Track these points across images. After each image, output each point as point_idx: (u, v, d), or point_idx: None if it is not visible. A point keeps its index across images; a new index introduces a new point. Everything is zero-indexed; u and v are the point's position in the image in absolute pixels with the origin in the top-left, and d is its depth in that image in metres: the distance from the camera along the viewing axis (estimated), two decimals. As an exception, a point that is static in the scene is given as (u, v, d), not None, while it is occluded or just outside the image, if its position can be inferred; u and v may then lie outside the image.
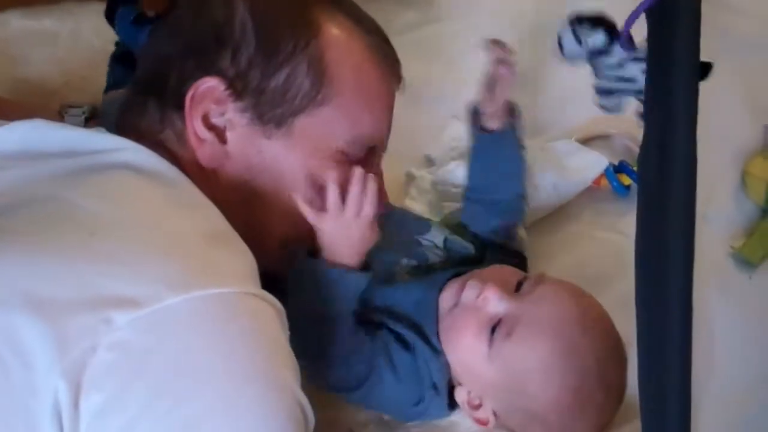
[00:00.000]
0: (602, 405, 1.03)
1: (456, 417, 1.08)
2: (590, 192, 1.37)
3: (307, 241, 1.02)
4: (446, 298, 1.08)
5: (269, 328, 0.80)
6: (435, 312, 1.08)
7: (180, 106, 0.93)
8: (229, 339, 0.76)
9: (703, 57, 1.01)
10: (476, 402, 1.05)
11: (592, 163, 1.35)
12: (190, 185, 0.88)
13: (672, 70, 0.87)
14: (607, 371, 1.02)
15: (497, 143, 1.21)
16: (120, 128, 0.96)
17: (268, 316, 0.80)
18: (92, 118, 1.38)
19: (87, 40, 1.60)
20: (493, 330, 1.02)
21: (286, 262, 1.01)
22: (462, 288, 1.07)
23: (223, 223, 0.86)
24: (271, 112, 0.94)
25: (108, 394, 0.71)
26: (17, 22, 1.62)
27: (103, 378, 0.71)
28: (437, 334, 1.06)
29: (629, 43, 1.00)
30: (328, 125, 0.96)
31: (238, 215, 0.89)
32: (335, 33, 0.97)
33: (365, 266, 1.02)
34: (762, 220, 1.35)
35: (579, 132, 1.44)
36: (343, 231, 1.00)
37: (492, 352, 1.02)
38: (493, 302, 1.03)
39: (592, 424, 1.04)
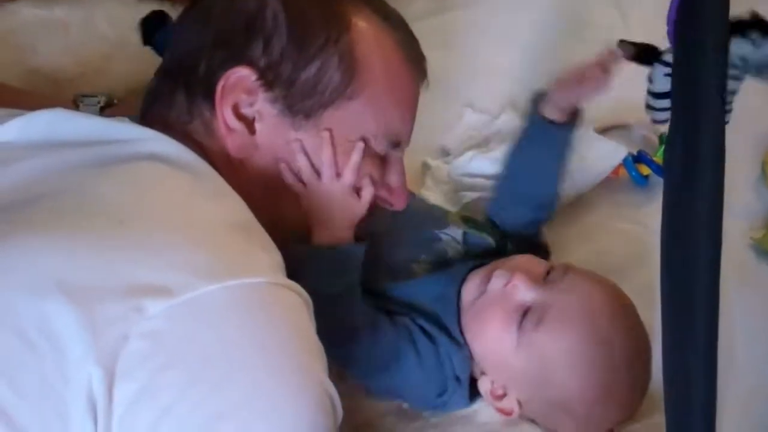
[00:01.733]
0: (628, 397, 1.03)
1: (475, 406, 1.07)
2: (609, 182, 1.36)
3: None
4: (470, 288, 1.08)
5: (299, 318, 0.80)
6: (456, 305, 1.07)
7: (209, 96, 0.93)
8: (262, 329, 0.76)
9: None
10: (500, 392, 1.05)
11: (610, 153, 1.35)
12: (216, 176, 0.87)
13: (699, 62, 0.87)
14: (634, 363, 1.02)
15: (552, 134, 1.18)
16: (146, 119, 0.96)
17: (298, 306, 0.80)
18: (107, 107, 1.37)
19: (99, 29, 1.58)
20: (522, 318, 1.01)
21: None
22: (488, 278, 1.06)
23: (248, 214, 0.86)
24: (300, 103, 0.94)
25: (141, 383, 0.70)
26: (28, 11, 1.61)
27: (136, 367, 0.70)
28: (459, 326, 1.06)
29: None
30: (356, 119, 0.97)
31: (263, 206, 0.89)
32: (365, 28, 0.97)
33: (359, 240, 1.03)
34: (782, 212, 1.35)
35: (598, 121, 1.42)
36: (325, 201, 1.00)
37: (520, 341, 1.01)
38: (522, 290, 1.02)
39: (617, 415, 1.04)
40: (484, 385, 1.05)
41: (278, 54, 0.92)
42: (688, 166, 0.87)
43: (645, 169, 1.36)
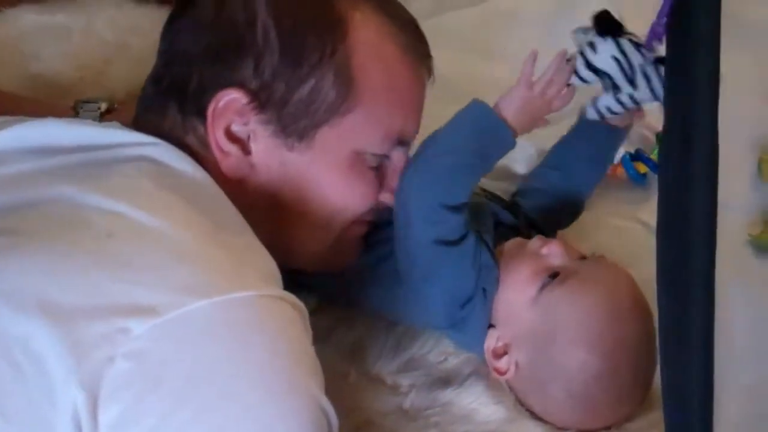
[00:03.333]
0: (627, 387, 1.03)
1: (475, 404, 1.07)
2: (606, 180, 1.36)
3: (335, 256, 1.03)
4: (509, 244, 1.12)
5: (292, 331, 0.78)
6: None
7: (201, 114, 0.90)
8: (250, 345, 0.74)
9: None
10: (501, 350, 1.06)
11: (608, 152, 1.35)
12: (213, 187, 0.86)
13: (692, 59, 0.87)
14: (640, 353, 1.01)
15: (608, 135, 1.21)
16: (139, 125, 0.93)
17: (291, 318, 0.79)
18: (108, 113, 1.37)
19: (100, 34, 1.59)
20: (547, 280, 1.03)
21: (322, 266, 1.04)
22: (528, 240, 1.10)
23: (244, 227, 0.85)
24: (294, 125, 0.91)
25: (126, 406, 0.69)
26: (30, 17, 1.61)
27: (121, 389, 0.69)
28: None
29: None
30: (352, 133, 0.94)
31: (263, 225, 0.88)
32: (363, 33, 0.93)
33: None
34: (779, 207, 1.35)
35: (595, 120, 1.42)
36: (523, 102, 1.06)
37: (539, 298, 1.03)
38: (556, 255, 1.06)
39: (614, 407, 1.04)
40: (489, 340, 1.07)
41: (270, 74, 0.89)
42: (682, 164, 0.87)
43: (642, 167, 1.36)
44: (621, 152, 1.36)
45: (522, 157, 1.33)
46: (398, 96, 0.97)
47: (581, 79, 1.09)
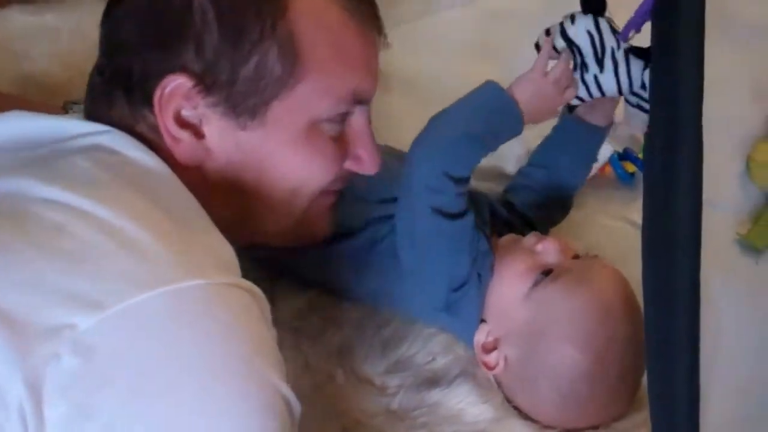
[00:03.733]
0: (616, 387, 1.03)
1: (463, 404, 1.08)
2: (595, 179, 1.37)
3: (306, 229, 1.01)
4: (506, 238, 1.13)
5: (246, 318, 0.77)
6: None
7: (149, 102, 0.88)
8: (201, 334, 0.72)
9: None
10: (491, 345, 1.07)
11: (597, 151, 1.35)
12: (167, 173, 0.84)
13: (676, 58, 0.87)
14: (630, 354, 1.01)
15: (591, 133, 1.23)
16: (91, 117, 0.91)
17: (245, 305, 0.77)
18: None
19: (90, 35, 1.57)
20: (540, 277, 1.04)
21: (294, 241, 1.02)
22: (524, 235, 1.11)
23: (198, 213, 0.83)
24: (243, 103, 0.89)
25: (75, 403, 0.68)
26: (19, 17, 1.61)
27: (69, 386, 0.67)
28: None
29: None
30: (304, 103, 0.91)
31: (227, 207, 0.88)
32: (305, 3, 0.90)
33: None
34: (767, 206, 1.35)
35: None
36: (536, 89, 1.08)
37: (531, 294, 1.04)
38: (551, 252, 1.07)
39: (601, 406, 1.04)
40: (480, 334, 1.07)
41: (212, 55, 0.87)
42: (667, 163, 0.87)
43: (631, 167, 1.37)
44: (610, 151, 1.36)
45: (511, 156, 1.33)
46: (347, 60, 0.94)
47: (554, 49, 1.11)
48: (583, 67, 1.10)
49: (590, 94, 1.12)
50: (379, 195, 1.13)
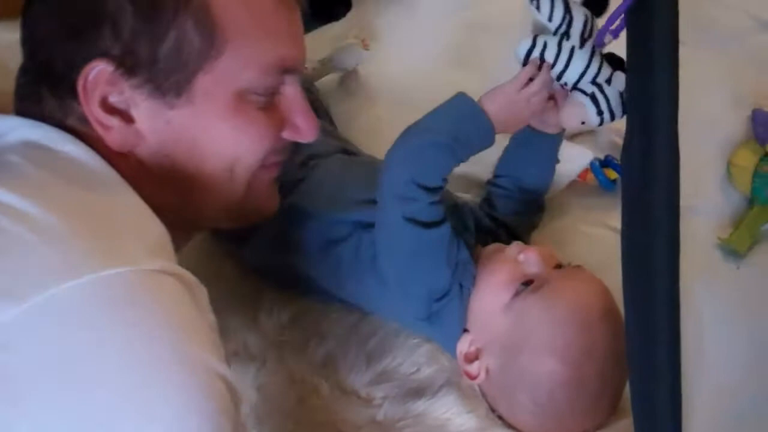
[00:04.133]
0: (594, 398, 1.03)
1: (448, 414, 1.08)
2: (576, 186, 1.37)
3: (252, 206, 1.00)
4: (489, 249, 1.14)
5: (173, 304, 0.75)
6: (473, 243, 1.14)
7: (74, 93, 0.86)
8: (127, 322, 0.71)
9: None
10: (473, 355, 1.07)
11: (577, 157, 1.36)
12: (97, 163, 0.84)
13: (652, 63, 0.88)
14: (609, 365, 1.01)
15: (545, 139, 1.22)
16: (21, 116, 0.89)
17: (174, 292, 0.76)
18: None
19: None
20: (522, 287, 1.05)
21: (243, 220, 1.02)
22: (507, 245, 1.12)
23: (129, 199, 0.83)
24: (167, 81, 0.87)
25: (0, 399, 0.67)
26: (2, 35, 1.61)
27: None
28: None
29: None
30: (229, 74, 0.90)
31: (167, 191, 0.87)
32: None
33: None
34: (748, 210, 1.36)
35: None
36: (507, 100, 1.08)
37: (512, 304, 1.04)
38: (533, 262, 1.07)
39: (580, 417, 1.04)
40: (462, 344, 1.08)
41: (129, 36, 0.85)
42: (643, 168, 0.87)
43: (612, 174, 1.37)
44: (590, 158, 1.37)
45: (487, 165, 1.34)
46: (266, 27, 0.93)
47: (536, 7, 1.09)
48: (565, 36, 1.09)
49: (555, 62, 1.10)
50: (370, 195, 1.13)
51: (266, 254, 1.18)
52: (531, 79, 1.08)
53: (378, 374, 1.12)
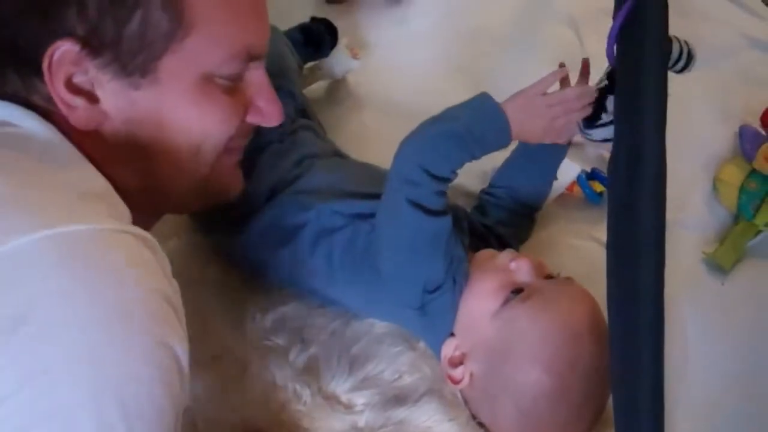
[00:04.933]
0: (577, 409, 1.03)
1: (429, 422, 1.08)
2: (563, 199, 1.37)
3: (215, 188, 1.00)
4: (481, 254, 1.14)
5: (133, 265, 0.75)
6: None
7: (39, 73, 0.86)
8: (84, 279, 0.71)
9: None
10: (458, 359, 1.07)
11: (564, 170, 1.35)
12: (60, 140, 0.84)
13: (641, 78, 0.88)
14: (593, 378, 1.01)
15: (552, 151, 1.24)
16: None
17: (135, 253, 0.76)
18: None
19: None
20: (511, 295, 1.05)
21: (207, 201, 1.02)
22: (500, 252, 1.12)
23: (90, 174, 0.83)
24: (133, 61, 0.87)
25: None
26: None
27: None
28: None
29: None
30: (195, 57, 0.89)
31: (131, 171, 0.87)
32: None
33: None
34: (734, 226, 1.36)
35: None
36: (527, 104, 1.10)
37: (500, 312, 1.04)
38: (524, 271, 1.07)
39: (561, 427, 1.04)
40: (447, 348, 1.08)
41: (95, 16, 0.84)
42: (631, 182, 0.88)
43: (598, 186, 1.37)
44: (577, 171, 1.37)
45: (476, 176, 1.34)
46: (234, 10, 0.92)
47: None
48: (602, 108, 1.13)
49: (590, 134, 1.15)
50: (366, 189, 1.15)
51: (257, 248, 1.17)
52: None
53: (360, 381, 1.12)
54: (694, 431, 1.11)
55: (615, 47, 1.02)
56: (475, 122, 1.07)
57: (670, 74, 0.86)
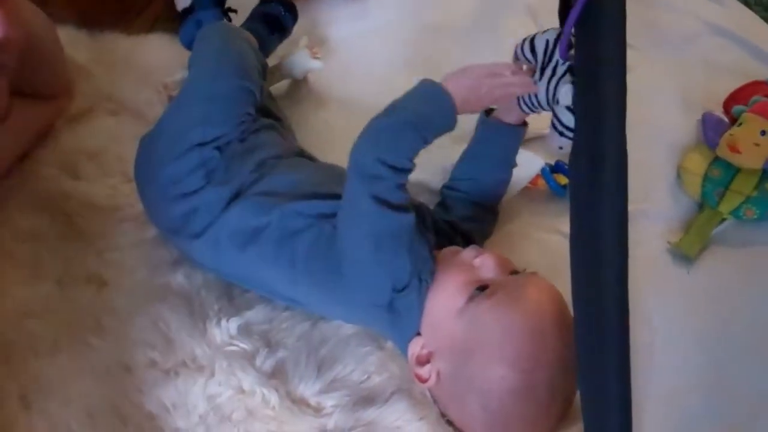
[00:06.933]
0: (544, 406, 1.02)
1: (399, 422, 1.08)
2: (527, 192, 1.37)
3: None
4: (445, 252, 1.13)
5: None
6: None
7: None
8: None
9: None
10: (424, 358, 1.06)
11: (528, 163, 1.35)
12: None
13: (600, 70, 0.88)
14: (559, 373, 1.01)
15: (508, 134, 1.24)
16: None
17: None
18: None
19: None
20: (476, 292, 1.04)
21: None
22: (464, 248, 1.12)
23: None
24: None
25: None
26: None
27: None
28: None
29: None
30: None
31: None
32: None
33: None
34: (698, 215, 1.36)
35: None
36: (469, 78, 1.11)
37: (465, 309, 1.04)
38: (488, 267, 1.07)
39: (529, 424, 1.03)
40: (414, 347, 1.07)
41: None
42: (592, 173, 0.87)
43: (563, 179, 1.37)
44: (541, 164, 1.37)
45: (436, 172, 1.33)
46: None
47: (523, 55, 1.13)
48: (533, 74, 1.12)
49: (528, 101, 1.14)
50: (329, 189, 1.14)
51: (219, 251, 1.16)
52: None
53: (328, 383, 1.12)
54: (663, 420, 1.11)
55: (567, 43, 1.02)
56: (421, 106, 1.08)
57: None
